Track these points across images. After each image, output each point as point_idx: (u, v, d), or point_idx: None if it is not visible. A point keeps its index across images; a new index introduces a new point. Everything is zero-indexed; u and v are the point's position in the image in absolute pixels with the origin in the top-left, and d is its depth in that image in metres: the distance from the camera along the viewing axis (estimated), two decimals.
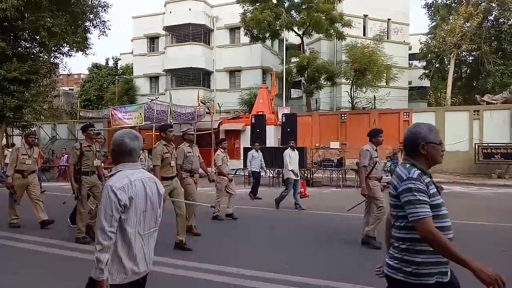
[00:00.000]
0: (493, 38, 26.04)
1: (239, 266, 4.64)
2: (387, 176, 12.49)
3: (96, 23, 20.14)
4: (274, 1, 23.13)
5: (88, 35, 20.41)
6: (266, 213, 8.37)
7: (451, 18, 25.94)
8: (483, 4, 25.31)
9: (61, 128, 27.00)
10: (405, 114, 20.55)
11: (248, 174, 13.18)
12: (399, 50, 27.33)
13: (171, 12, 28.35)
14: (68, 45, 19.48)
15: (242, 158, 15.30)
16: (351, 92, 24.47)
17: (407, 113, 20.55)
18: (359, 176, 6.16)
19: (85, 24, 19.96)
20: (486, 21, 25.86)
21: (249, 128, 17.61)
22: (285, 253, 5.43)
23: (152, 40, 31.40)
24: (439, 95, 33.35)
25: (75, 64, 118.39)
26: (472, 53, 27.66)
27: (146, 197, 2.11)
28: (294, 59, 24.95)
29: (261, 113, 18.25)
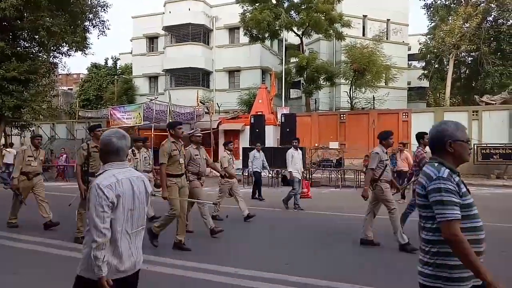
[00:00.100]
0: (492, 38, 26.10)
1: (238, 266, 4.65)
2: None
3: (96, 22, 20.14)
4: (274, 1, 23.14)
5: (87, 34, 20.42)
6: (266, 213, 8.38)
7: (450, 18, 26.00)
8: (482, 4, 25.39)
9: (60, 128, 26.99)
10: (404, 114, 20.59)
11: (247, 174, 13.19)
12: (398, 50, 27.36)
13: (170, 12, 28.35)
14: (67, 45, 19.47)
15: (241, 158, 15.29)
16: (350, 93, 24.50)
17: (406, 114, 20.59)
18: (365, 178, 6.10)
19: (84, 23, 19.94)
20: (485, 22, 25.92)
21: (248, 128, 17.61)
22: (285, 253, 5.43)
23: (152, 40, 31.38)
24: (438, 95, 33.42)
25: (74, 63, 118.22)
26: (471, 53, 27.71)
27: (134, 196, 2.13)
28: (293, 59, 24.95)
29: (260, 113, 18.24)
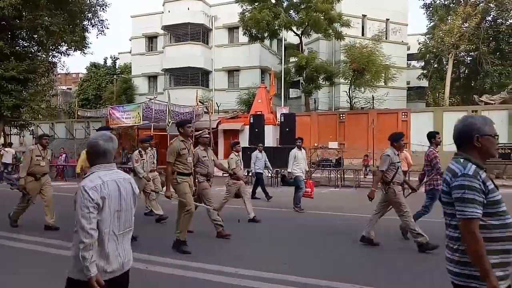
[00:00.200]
0: (491, 38, 26.15)
1: (238, 266, 4.64)
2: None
3: (95, 22, 20.13)
4: (273, 1, 23.14)
5: (86, 34, 20.42)
6: (266, 213, 8.38)
7: (449, 18, 26.04)
8: (481, 4, 25.43)
9: (59, 127, 26.97)
10: (403, 114, 20.61)
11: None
12: (397, 50, 27.38)
13: (169, 12, 28.32)
14: (66, 44, 19.45)
15: (241, 157, 15.26)
16: (349, 92, 24.51)
17: (405, 113, 20.61)
18: (374, 179, 6.03)
19: (83, 23, 19.93)
20: (484, 22, 25.96)
21: (247, 128, 17.61)
22: (285, 253, 5.43)
23: (151, 39, 31.35)
24: (437, 95, 33.45)
25: (73, 63, 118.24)
26: (470, 53, 27.76)
27: (120, 197, 2.14)
28: (292, 59, 24.95)
29: (260, 112, 18.24)
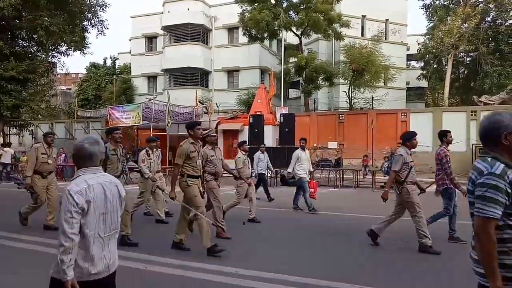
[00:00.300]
0: (490, 39, 26.18)
1: (238, 266, 4.64)
2: (385, 176, 12.54)
3: (94, 22, 20.10)
4: (273, 1, 23.17)
5: (86, 34, 20.37)
6: (266, 213, 8.38)
7: (449, 19, 26.10)
8: (480, 5, 25.48)
9: (59, 127, 26.93)
10: (402, 114, 20.63)
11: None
12: (397, 50, 27.42)
13: (169, 12, 28.35)
14: (66, 44, 19.44)
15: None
16: (349, 93, 24.54)
17: (405, 114, 20.63)
18: (387, 179, 5.97)
19: (83, 23, 19.90)
20: (484, 22, 26.00)
21: (247, 128, 17.59)
22: (285, 253, 5.43)
23: (150, 39, 31.36)
24: (436, 95, 33.50)
25: (72, 63, 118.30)
26: (470, 54, 27.80)
27: (106, 200, 2.16)
28: (292, 59, 24.98)
29: (259, 113, 18.22)
